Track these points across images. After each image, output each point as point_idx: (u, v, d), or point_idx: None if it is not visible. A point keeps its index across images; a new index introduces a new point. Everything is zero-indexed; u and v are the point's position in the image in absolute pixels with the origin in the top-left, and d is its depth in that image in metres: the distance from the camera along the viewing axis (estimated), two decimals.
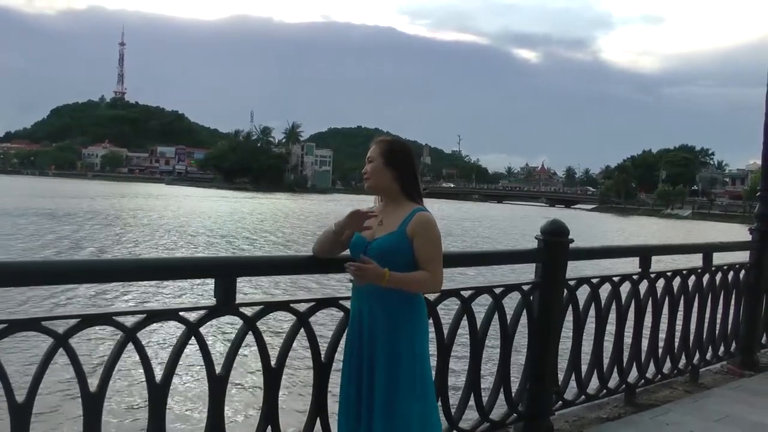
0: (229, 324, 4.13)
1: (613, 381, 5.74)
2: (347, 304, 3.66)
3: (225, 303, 3.36)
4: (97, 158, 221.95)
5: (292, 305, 3.67)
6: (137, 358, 3.16)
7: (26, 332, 2.87)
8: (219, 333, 10.82)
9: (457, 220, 63.96)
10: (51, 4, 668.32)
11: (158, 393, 3.21)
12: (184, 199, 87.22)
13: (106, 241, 33.29)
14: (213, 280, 3.39)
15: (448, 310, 4.34)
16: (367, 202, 3.70)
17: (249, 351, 3.62)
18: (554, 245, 4.87)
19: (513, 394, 4.84)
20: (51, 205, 57.64)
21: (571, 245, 4.95)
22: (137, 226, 43.74)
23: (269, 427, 3.60)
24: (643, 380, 6.07)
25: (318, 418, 3.78)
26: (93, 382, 3.02)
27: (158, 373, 3.22)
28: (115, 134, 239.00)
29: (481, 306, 4.50)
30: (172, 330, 10.99)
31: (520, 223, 63.84)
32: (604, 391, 5.65)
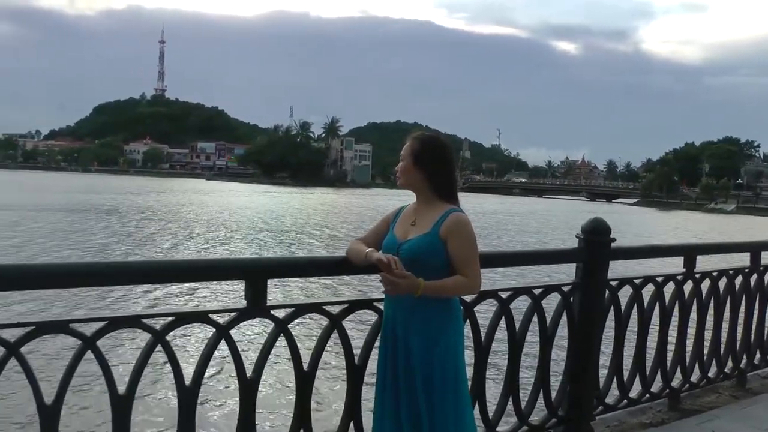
0: (252, 325, 4.04)
1: (656, 385, 5.56)
2: (382, 305, 3.56)
3: (255, 305, 3.29)
4: (139, 154, 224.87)
5: (324, 307, 3.60)
6: (165, 359, 3.11)
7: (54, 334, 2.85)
8: (249, 336, 10.80)
9: (493, 215, 63.66)
10: (91, 5, 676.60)
11: (188, 396, 3.16)
12: (227, 195, 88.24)
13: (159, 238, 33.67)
14: (243, 282, 3.32)
15: (485, 312, 4.24)
16: (407, 197, 3.59)
17: (280, 354, 3.54)
18: (595, 245, 4.73)
19: (553, 398, 4.72)
20: (107, 202, 59.01)
21: (613, 244, 4.81)
22: (185, 221, 44.45)
23: (301, 431, 3.52)
24: (687, 385, 5.88)
25: (351, 422, 3.70)
26: (121, 385, 2.97)
27: (188, 375, 3.16)
28: (156, 131, 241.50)
29: (519, 307, 4.39)
30: (202, 332, 11.04)
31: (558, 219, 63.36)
32: (647, 395, 5.48)
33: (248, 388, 3.33)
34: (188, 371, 3.18)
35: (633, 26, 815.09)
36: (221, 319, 3.24)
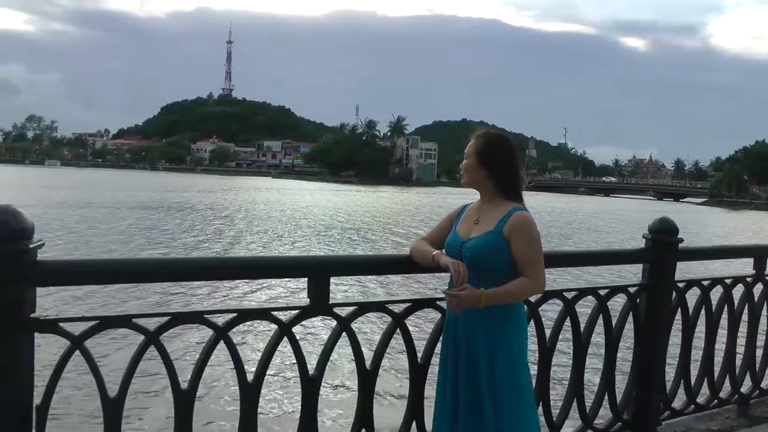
0: (310, 323, 4.04)
1: (725, 391, 5.43)
2: (444, 304, 3.52)
3: (318, 303, 3.29)
4: (206, 153, 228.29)
5: (387, 306, 3.58)
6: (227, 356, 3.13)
7: (118, 329, 2.91)
8: (307, 333, 10.85)
9: (560, 214, 63.03)
10: (161, 7, 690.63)
11: (250, 393, 3.18)
12: (295, 193, 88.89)
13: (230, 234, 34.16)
14: (306, 280, 3.32)
15: (550, 312, 4.18)
16: (471, 196, 3.57)
17: (340, 352, 3.54)
18: (663, 245, 4.64)
19: (618, 401, 4.63)
20: (182, 199, 60.58)
21: (681, 245, 4.70)
22: (255, 218, 45.06)
23: (363, 430, 3.52)
24: (757, 391, 5.71)
25: (414, 422, 3.67)
26: (184, 380, 3.01)
27: (249, 372, 3.18)
28: (223, 130, 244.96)
29: (583, 308, 4.33)
30: (263, 329, 11.12)
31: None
32: (715, 401, 5.35)
33: (310, 386, 3.33)
34: (250, 368, 3.20)
35: (702, 21, 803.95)
36: (283, 316, 3.25)
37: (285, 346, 3.26)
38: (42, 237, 2.68)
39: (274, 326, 3.24)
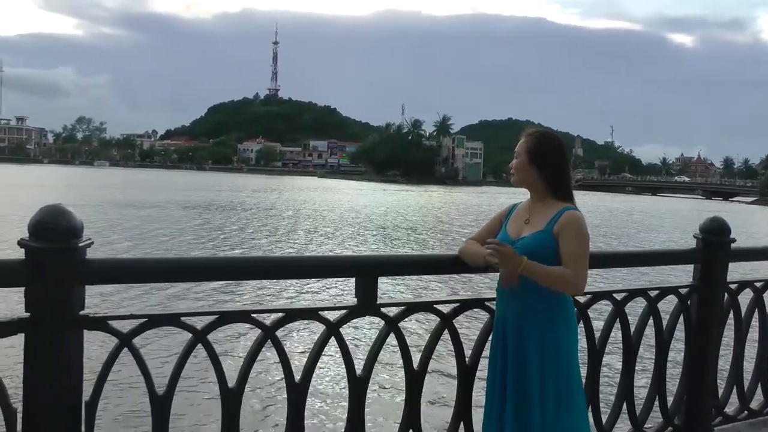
0: (356, 322, 4.02)
1: None
2: (493, 305, 3.50)
3: (366, 303, 3.26)
4: (252, 153, 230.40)
5: (435, 306, 3.55)
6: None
7: (166, 327, 2.90)
8: (353, 333, 10.84)
9: (610, 213, 62.48)
10: (207, 9, 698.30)
11: (297, 392, 3.16)
12: (344, 192, 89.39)
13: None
14: (354, 279, 3.30)
15: (599, 313, 4.12)
16: (519, 195, 3.53)
17: (386, 352, 3.51)
18: (714, 245, 4.53)
19: (669, 406, 4.54)
20: (233, 199, 61.63)
21: (733, 245, 4.60)
22: (305, 217, 45.52)
23: (410, 431, 3.49)
24: None
25: (462, 423, 3.64)
26: (231, 379, 3.00)
27: (297, 372, 3.17)
28: (269, 130, 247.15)
29: (631, 309, 4.25)
30: (309, 329, 11.13)
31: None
32: None
33: (358, 386, 3.31)
34: (297, 368, 3.19)
35: (752, 16, 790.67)
36: (331, 316, 3.23)
37: (329, 346, 3.24)
38: (94, 236, 2.69)
39: (320, 326, 3.23)
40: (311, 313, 3.25)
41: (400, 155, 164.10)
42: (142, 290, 15.75)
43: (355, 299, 3.27)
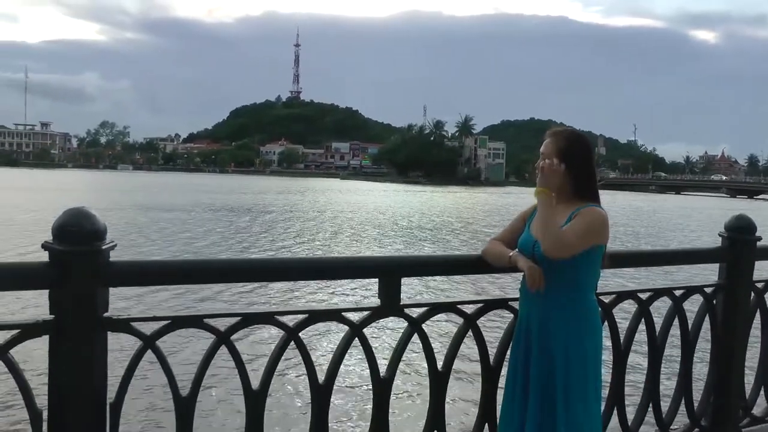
0: (378, 323, 4.01)
1: None
2: (517, 305, 3.49)
3: (390, 304, 3.26)
4: (275, 155, 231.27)
5: (459, 306, 3.53)
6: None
7: (189, 329, 2.93)
8: (376, 334, 10.82)
9: (637, 212, 62.19)
10: (229, 13, 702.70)
11: (321, 394, 3.16)
12: (367, 193, 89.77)
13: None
14: (377, 280, 3.29)
15: (624, 313, 4.09)
16: None
17: (409, 353, 3.50)
18: (740, 243, 4.48)
19: (695, 407, 4.50)
20: (259, 201, 62.15)
21: (759, 243, 4.54)
22: (329, 219, 45.64)
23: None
24: None
25: (486, 424, 3.62)
26: (255, 380, 3.01)
27: (320, 373, 3.16)
28: (291, 132, 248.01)
29: (656, 309, 4.21)
30: (332, 330, 11.13)
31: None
32: None
33: (382, 387, 3.30)
34: (320, 369, 3.19)
35: None
36: (354, 317, 3.23)
37: (351, 348, 3.24)
38: (118, 239, 2.70)
39: (343, 327, 3.22)
40: (334, 315, 3.24)
41: (423, 156, 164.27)
42: (165, 292, 15.80)
43: (378, 300, 3.26)
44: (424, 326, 3.39)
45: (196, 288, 15.92)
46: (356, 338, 3.20)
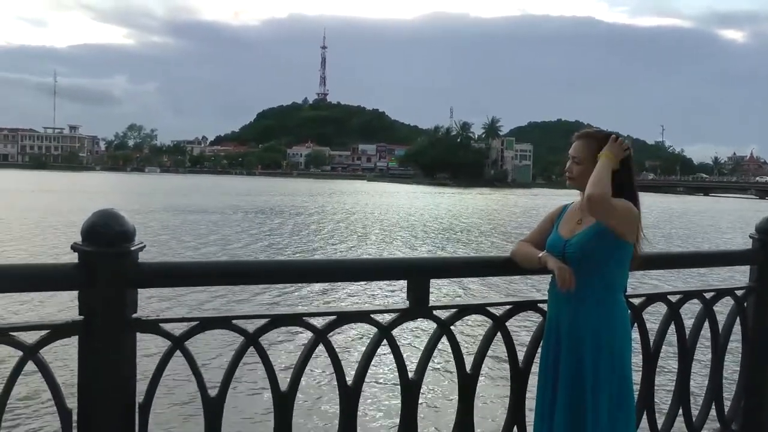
0: (407, 325, 4.01)
1: None
2: (546, 306, 3.47)
3: (418, 305, 3.24)
4: (301, 157, 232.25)
5: (488, 308, 3.51)
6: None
7: (217, 330, 2.93)
8: (404, 336, 10.80)
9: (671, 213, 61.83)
10: (255, 16, 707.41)
11: (350, 396, 3.14)
12: (396, 195, 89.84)
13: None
14: (405, 282, 3.28)
15: (652, 316, 4.04)
16: (573, 196, 3.47)
17: (437, 355, 3.48)
18: None
19: (726, 411, 4.44)
20: (288, 203, 62.66)
21: None
22: (358, 220, 45.81)
23: None
24: None
25: (515, 426, 3.59)
26: (283, 382, 3.00)
27: (348, 375, 3.15)
28: (318, 134, 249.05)
29: (686, 311, 4.16)
30: (359, 332, 11.12)
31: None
32: None
33: (410, 389, 3.28)
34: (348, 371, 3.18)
35: None
36: (382, 319, 3.21)
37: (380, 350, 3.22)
38: (148, 240, 2.71)
39: (371, 328, 3.21)
40: (363, 316, 3.22)
41: (449, 158, 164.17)
42: (199, 293, 15.88)
43: (407, 302, 3.25)
44: (452, 328, 3.37)
45: (225, 290, 15.96)
46: (384, 340, 3.18)
